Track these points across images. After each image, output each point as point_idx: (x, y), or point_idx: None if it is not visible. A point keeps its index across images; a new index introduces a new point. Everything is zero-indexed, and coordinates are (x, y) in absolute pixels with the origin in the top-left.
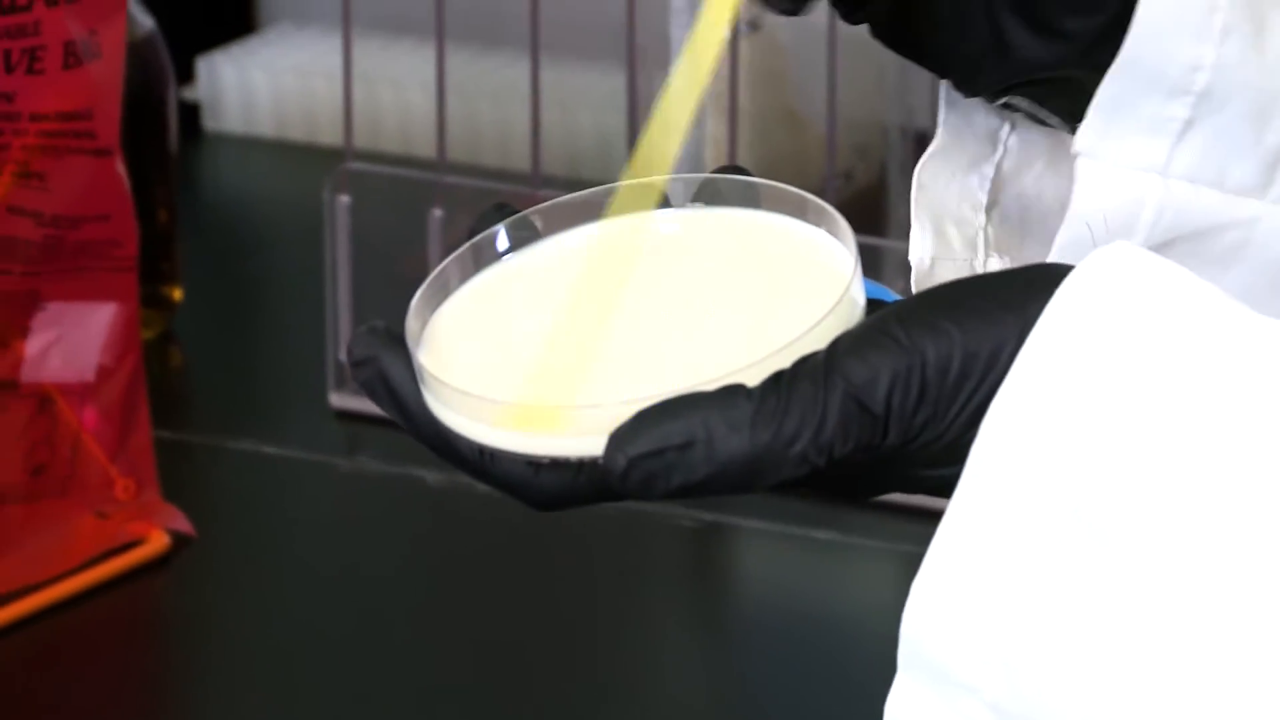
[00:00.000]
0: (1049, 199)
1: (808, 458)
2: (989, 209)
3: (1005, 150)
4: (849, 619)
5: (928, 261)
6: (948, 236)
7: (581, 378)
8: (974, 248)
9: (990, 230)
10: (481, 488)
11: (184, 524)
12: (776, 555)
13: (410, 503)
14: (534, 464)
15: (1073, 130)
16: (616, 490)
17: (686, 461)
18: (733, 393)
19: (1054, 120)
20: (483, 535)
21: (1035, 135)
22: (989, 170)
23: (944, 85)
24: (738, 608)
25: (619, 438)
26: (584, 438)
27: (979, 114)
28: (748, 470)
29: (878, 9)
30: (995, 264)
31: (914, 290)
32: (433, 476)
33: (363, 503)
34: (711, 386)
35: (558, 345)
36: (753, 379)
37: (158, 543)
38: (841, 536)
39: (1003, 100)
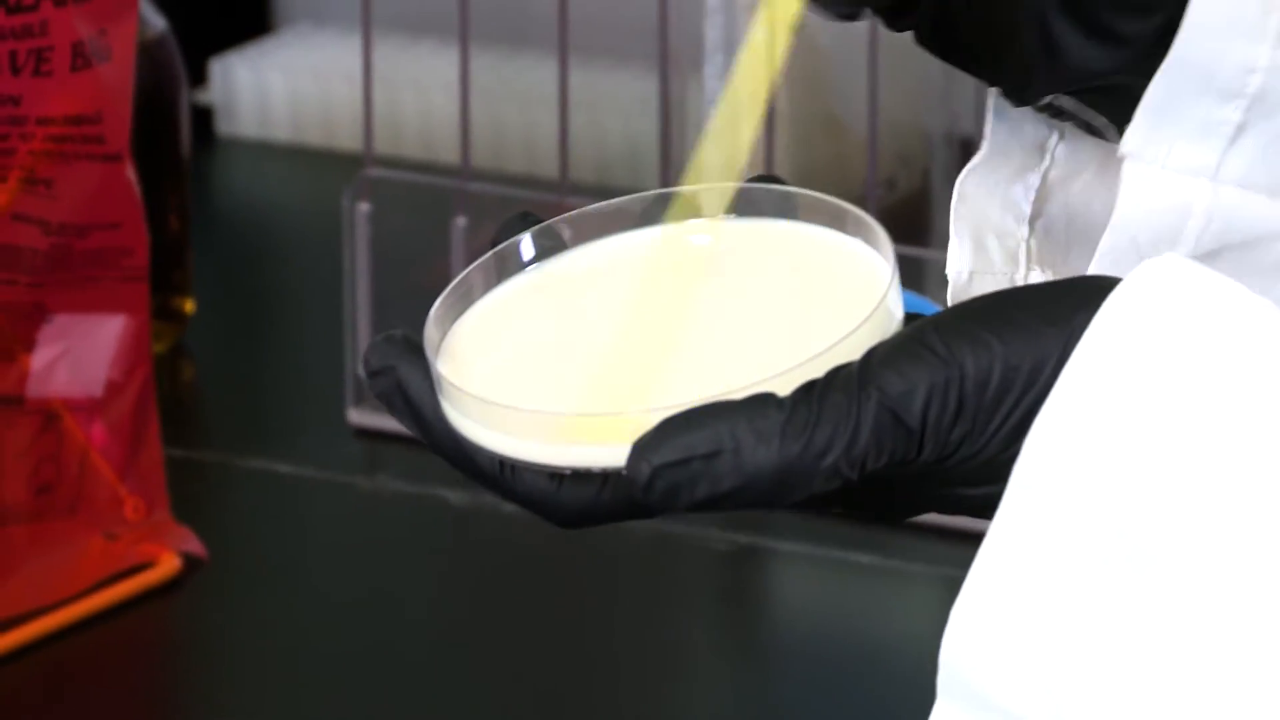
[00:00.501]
0: (1097, 209)
1: (839, 471)
2: (1032, 220)
3: (1052, 160)
4: (888, 645)
5: (965, 275)
6: (987, 249)
7: (605, 387)
8: (1015, 261)
9: (1033, 243)
10: (506, 508)
11: (196, 546)
12: (813, 579)
13: (432, 524)
14: (556, 477)
15: (1121, 133)
16: (640, 502)
17: (713, 472)
18: (762, 402)
19: (1100, 122)
20: (507, 558)
21: (1084, 144)
22: (1034, 180)
23: (993, 95)
24: (772, 634)
25: (643, 446)
26: (607, 447)
27: (1028, 124)
28: (776, 482)
29: (924, 16)
30: (1037, 278)
31: (951, 304)
32: (456, 497)
33: (382, 524)
34: (740, 395)
35: (581, 355)
36: (783, 388)
37: (168, 565)
38: (881, 560)
39: (1048, 99)
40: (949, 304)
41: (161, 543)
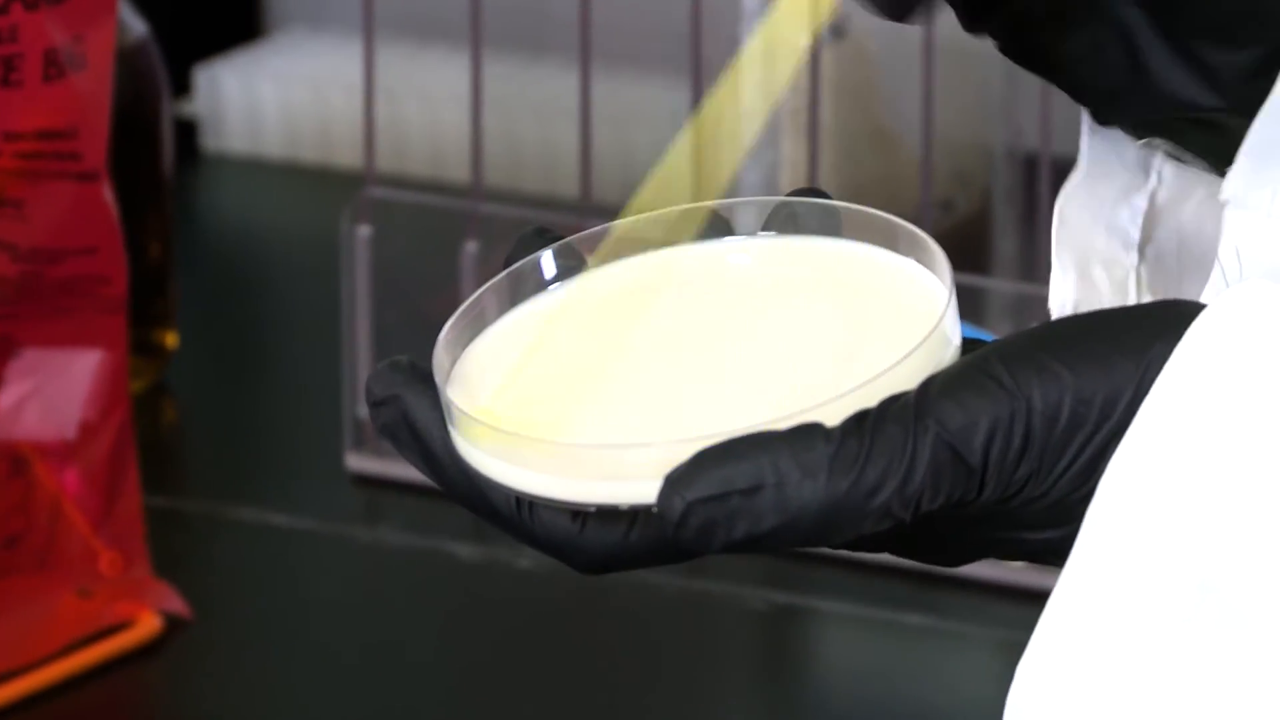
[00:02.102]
0: (1210, 235)
1: (891, 511)
2: (1142, 247)
3: (1160, 179)
4: (942, 715)
5: (1069, 308)
6: (1093, 279)
7: (632, 417)
8: (1124, 291)
9: (1143, 271)
10: (521, 563)
11: (178, 604)
12: (860, 642)
13: (440, 581)
14: (579, 517)
15: (1222, 177)
16: (672, 541)
17: (753, 509)
18: (808, 432)
19: (1200, 165)
20: (523, 618)
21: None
22: (1141, 202)
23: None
24: (816, 703)
25: (676, 480)
26: (635, 481)
27: (1127, 140)
28: (822, 522)
29: (1004, 22)
30: None
31: None
32: (465, 550)
33: (385, 581)
34: (784, 425)
35: (606, 383)
36: (831, 418)
37: (148, 626)
38: (934, 620)
39: (1144, 141)
40: None
41: (140, 601)
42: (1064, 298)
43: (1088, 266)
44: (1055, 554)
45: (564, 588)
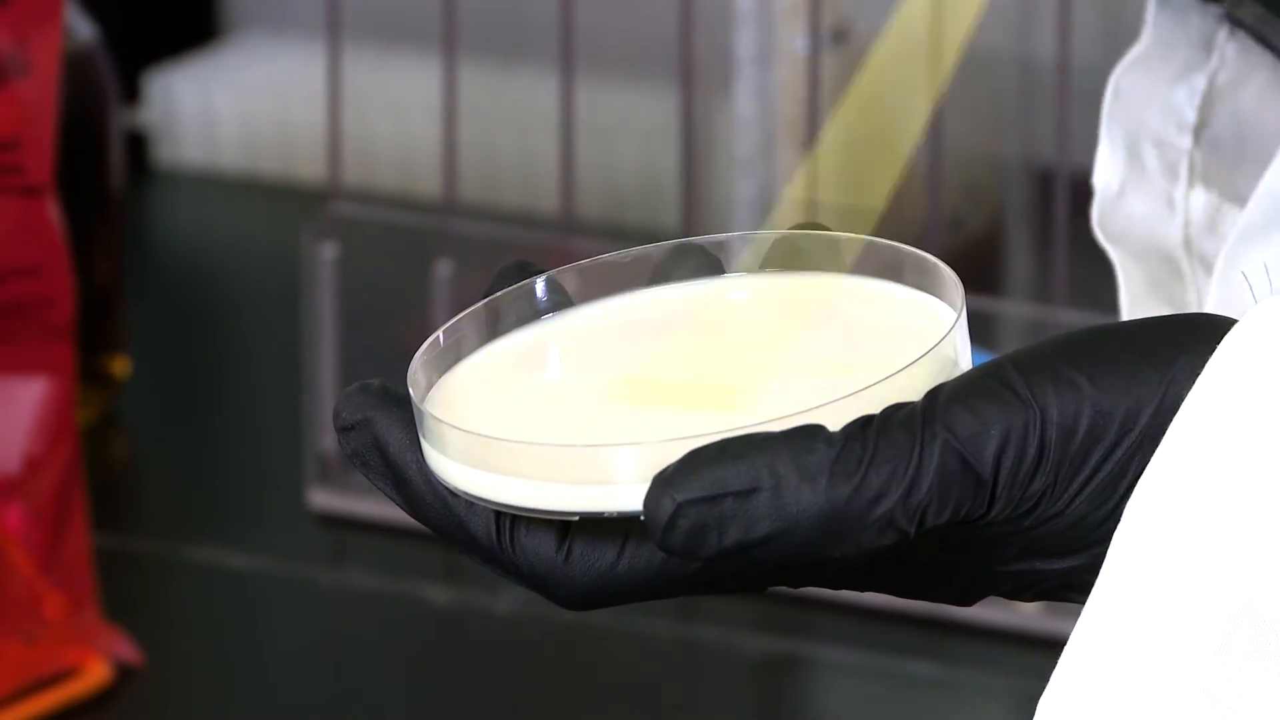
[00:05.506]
0: (1270, 125)
1: (894, 522)
2: (1198, 131)
3: (1222, 60)
4: None
5: (1115, 187)
6: (1143, 159)
7: (621, 422)
8: (1174, 175)
9: (1197, 155)
10: (498, 606)
11: (129, 651)
12: (861, 694)
13: (410, 626)
14: (563, 543)
15: None
16: (661, 560)
17: (747, 513)
18: (809, 434)
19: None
20: (499, 667)
21: (1259, 45)
22: (1200, 82)
23: None
24: None
25: (665, 480)
26: (622, 485)
27: (1194, 13)
28: (821, 530)
29: None
30: (1200, 197)
31: (1096, 220)
32: (438, 593)
33: (351, 626)
34: (782, 426)
35: (594, 400)
36: (833, 422)
37: (97, 674)
38: (942, 670)
39: (1227, 8)
40: (1095, 220)
41: (89, 647)
42: (1110, 177)
43: (1138, 145)
44: (1070, 589)
45: (544, 633)
